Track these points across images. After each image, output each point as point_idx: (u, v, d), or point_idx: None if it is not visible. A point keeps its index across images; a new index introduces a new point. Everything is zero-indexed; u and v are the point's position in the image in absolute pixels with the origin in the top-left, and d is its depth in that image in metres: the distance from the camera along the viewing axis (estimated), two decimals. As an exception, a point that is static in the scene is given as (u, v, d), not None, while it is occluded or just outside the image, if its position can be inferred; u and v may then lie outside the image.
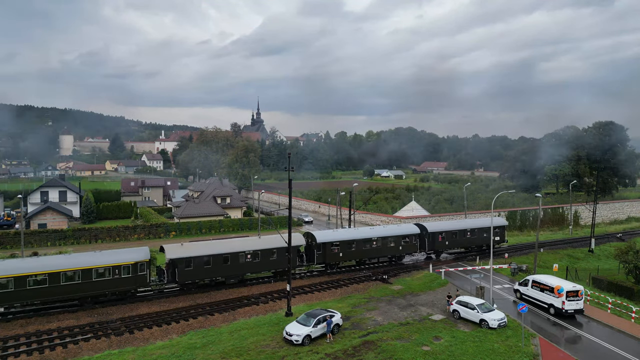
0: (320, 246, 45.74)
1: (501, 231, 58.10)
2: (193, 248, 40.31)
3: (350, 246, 47.18)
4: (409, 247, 51.17)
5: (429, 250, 52.83)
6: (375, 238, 48.82)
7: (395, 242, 49.97)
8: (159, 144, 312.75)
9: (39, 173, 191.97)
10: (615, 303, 39.81)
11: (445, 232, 53.40)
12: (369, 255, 49.08)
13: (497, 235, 57.19)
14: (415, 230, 51.85)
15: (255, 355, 27.86)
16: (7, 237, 61.63)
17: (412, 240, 51.37)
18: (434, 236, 52.64)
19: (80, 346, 28.96)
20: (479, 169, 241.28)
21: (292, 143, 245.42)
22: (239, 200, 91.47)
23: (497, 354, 28.61)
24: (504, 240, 59.63)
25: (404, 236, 50.85)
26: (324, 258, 46.12)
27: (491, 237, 40.88)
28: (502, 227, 58.41)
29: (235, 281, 41.87)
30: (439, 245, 53.27)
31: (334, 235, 47.53)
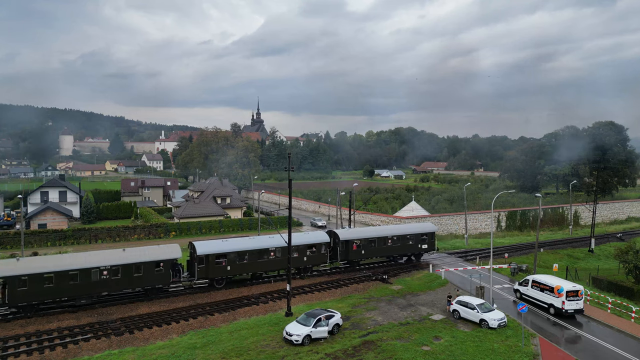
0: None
1: (430, 238, 52.53)
2: (30, 264, 34.58)
3: (242, 257, 41.33)
4: (316, 258, 45.58)
5: (341, 260, 47.84)
6: (274, 248, 42.88)
7: (299, 252, 44.15)
8: (159, 144, 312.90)
9: (39, 173, 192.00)
10: (615, 303, 39.82)
11: (361, 240, 48.26)
12: (266, 269, 43.22)
13: (425, 243, 52.12)
14: (324, 239, 46.49)
15: (255, 355, 27.86)
16: (7, 237, 61.63)
17: (321, 249, 45.79)
18: (347, 245, 47.40)
19: (80, 346, 28.96)
20: (479, 169, 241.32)
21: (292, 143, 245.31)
22: (239, 200, 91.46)
23: (497, 354, 28.61)
24: (434, 249, 53.82)
25: (310, 245, 45.33)
26: None
27: (419, 244, 39.88)
28: (431, 234, 52.70)
29: (88, 302, 36.07)
30: (354, 255, 47.93)
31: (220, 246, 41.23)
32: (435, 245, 53.94)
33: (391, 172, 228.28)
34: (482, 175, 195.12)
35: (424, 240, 52.10)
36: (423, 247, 52.02)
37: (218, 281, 41.08)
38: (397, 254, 51.51)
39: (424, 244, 52.13)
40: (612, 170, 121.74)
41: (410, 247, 51.38)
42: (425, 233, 52.25)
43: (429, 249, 52.76)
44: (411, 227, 53.89)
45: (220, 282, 41.25)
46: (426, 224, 56.49)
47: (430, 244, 52.65)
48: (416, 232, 51.88)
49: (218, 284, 41.09)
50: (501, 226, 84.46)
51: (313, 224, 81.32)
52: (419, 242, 51.80)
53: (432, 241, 52.87)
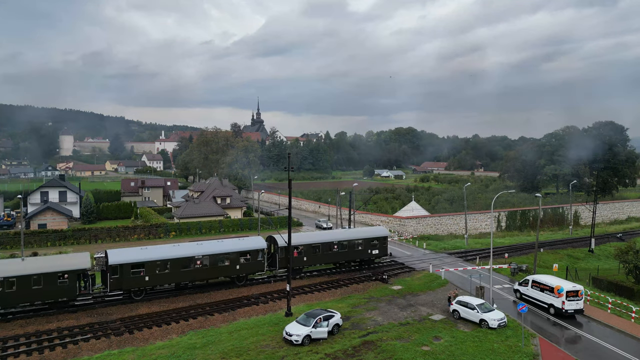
0: None
1: (381, 243, 49.94)
2: None
3: (163, 267, 38.38)
4: (251, 266, 42.63)
5: (281, 268, 44.68)
6: (200, 257, 40.14)
7: (231, 260, 41.23)
8: (159, 144, 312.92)
9: (39, 173, 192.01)
10: (615, 303, 39.81)
11: (303, 246, 45.22)
12: (191, 279, 40.20)
13: (376, 248, 49.51)
14: (260, 245, 43.46)
15: (255, 355, 27.85)
16: (7, 238, 61.59)
17: (257, 256, 42.90)
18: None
19: (79, 346, 28.94)
20: (479, 169, 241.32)
21: (292, 143, 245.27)
22: (239, 200, 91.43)
23: (497, 354, 28.60)
24: (386, 254, 51.05)
25: (244, 252, 42.37)
26: None
27: (369, 250, 39.29)
28: (382, 239, 50.07)
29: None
30: (296, 262, 44.93)
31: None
32: (387, 251, 51.07)
33: (391, 172, 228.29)
34: (482, 175, 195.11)
35: (375, 246, 49.35)
36: (374, 252, 49.34)
37: (135, 293, 37.81)
38: (344, 260, 48.33)
39: (375, 250, 49.35)
40: (612, 170, 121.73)
41: (360, 253, 48.62)
42: (376, 238, 49.64)
43: (381, 254, 50.11)
44: (360, 231, 51.35)
45: (139, 294, 37.99)
46: (378, 228, 53.47)
47: (381, 249, 49.99)
48: (366, 236, 49.24)
49: (136, 295, 37.86)
50: (501, 226, 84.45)
51: (318, 226, 78.56)
52: (369, 247, 49.03)
53: (384, 246, 50.23)
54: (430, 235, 74.50)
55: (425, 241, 66.82)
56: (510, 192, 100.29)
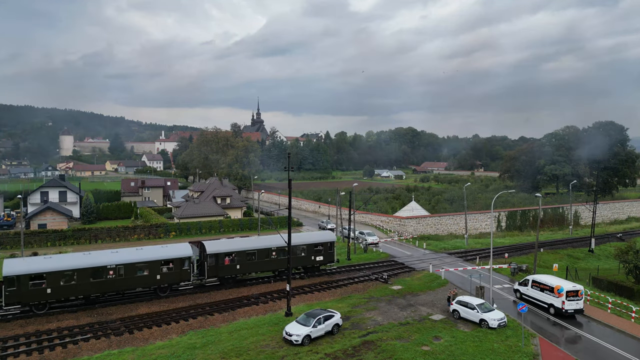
0: None
1: (327, 249, 46.88)
2: None
3: (69, 278, 35.18)
4: (174, 276, 39.05)
5: (210, 277, 41.13)
6: (113, 266, 36.64)
7: (150, 269, 37.99)
8: (159, 144, 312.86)
9: (39, 173, 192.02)
10: (615, 303, 39.81)
11: (235, 253, 42.01)
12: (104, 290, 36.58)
13: (321, 254, 46.47)
14: (184, 252, 39.82)
15: (255, 355, 27.85)
16: (7, 238, 61.58)
17: (182, 265, 39.36)
18: (217, 258, 41.06)
19: (79, 346, 28.94)
20: (479, 169, 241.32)
21: (292, 143, 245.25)
22: (239, 200, 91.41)
23: (497, 354, 28.59)
24: (333, 260, 47.75)
25: (166, 261, 38.85)
26: None
27: (313, 256, 38.47)
28: (328, 244, 46.96)
29: None
30: (227, 271, 41.67)
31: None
32: (334, 257, 47.80)
33: (391, 172, 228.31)
34: (482, 175, 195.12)
35: (320, 252, 46.41)
36: (318, 259, 46.35)
37: (37, 306, 34.60)
38: (284, 268, 44.42)
39: (319, 256, 46.40)
40: (612, 170, 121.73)
41: (302, 260, 45.57)
42: (320, 243, 46.52)
43: (326, 260, 47.02)
44: (303, 236, 48.11)
45: (40, 308, 34.80)
46: (324, 232, 50.08)
47: (327, 256, 46.92)
48: (309, 242, 46.14)
49: (37, 309, 34.63)
50: (501, 226, 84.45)
51: (321, 227, 77.31)
52: (312, 253, 45.97)
53: (330, 252, 47.14)
54: (430, 235, 74.52)
55: (425, 241, 66.82)
56: (510, 192, 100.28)
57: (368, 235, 63.70)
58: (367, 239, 62.58)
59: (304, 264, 46.00)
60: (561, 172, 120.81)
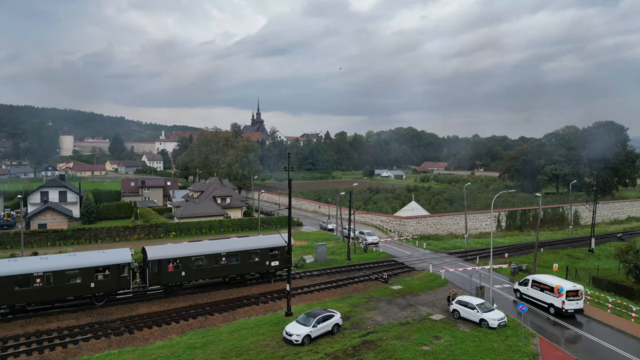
0: None
1: (283, 253, 44.19)
2: None
3: None
4: (111, 284, 36.29)
5: (152, 285, 38.45)
6: (40, 274, 33.95)
7: (83, 276, 35.21)
8: (159, 144, 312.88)
9: (39, 173, 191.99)
10: (615, 303, 39.82)
11: (180, 259, 39.32)
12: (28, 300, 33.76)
13: (276, 259, 44.02)
14: (123, 258, 37.06)
15: (255, 355, 27.85)
16: (7, 238, 61.59)
17: (120, 272, 36.57)
18: (160, 265, 38.40)
19: (79, 346, 28.94)
20: (479, 169, 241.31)
21: (292, 143, 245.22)
22: (239, 200, 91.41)
23: (497, 353, 28.60)
24: (290, 265, 43.55)
25: (102, 267, 35.99)
26: None
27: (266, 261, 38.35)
28: (284, 248, 43.95)
29: None
30: (171, 278, 38.98)
31: None
32: (291, 262, 43.04)
33: (391, 172, 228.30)
34: (482, 175, 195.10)
35: (275, 256, 44.02)
36: (272, 264, 43.96)
37: None
38: (236, 274, 42.38)
39: (274, 261, 43.99)
40: (612, 170, 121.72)
41: (255, 265, 43.11)
42: (275, 247, 44.13)
43: (281, 266, 44.52)
44: (256, 240, 45.85)
45: None
46: (278, 236, 45.74)
47: (283, 260, 44.26)
48: (262, 246, 43.70)
49: None
50: (501, 226, 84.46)
51: (323, 227, 78.25)
52: (267, 258, 43.60)
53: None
54: (430, 235, 74.53)
55: (425, 241, 66.83)
56: (510, 192, 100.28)
57: (368, 235, 63.72)
58: (367, 238, 62.59)
59: (258, 269, 43.51)
60: (561, 172, 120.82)
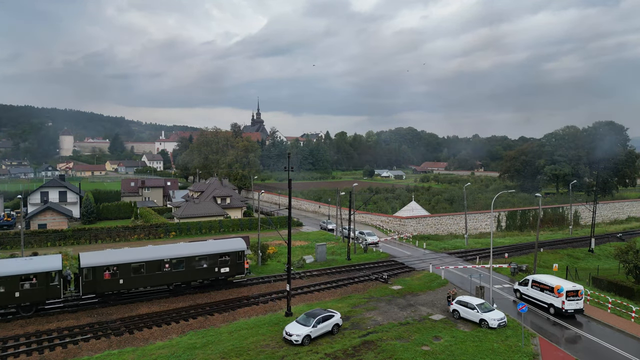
0: None
1: (236, 259, 41.82)
2: None
3: None
4: (39, 292, 33.81)
5: (85, 293, 35.77)
6: None
7: (6, 285, 32.80)
8: (159, 144, 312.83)
9: (39, 173, 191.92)
10: (615, 303, 39.81)
11: (118, 266, 36.59)
12: None
13: (227, 266, 41.41)
14: (52, 265, 34.53)
15: (255, 355, 27.86)
16: (7, 238, 61.57)
17: (50, 280, 34.08)
18: (94, 272, 35.63)
19: (79, 346, 28.94)
20: (479, 169, 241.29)
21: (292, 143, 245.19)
22: (239, 200, 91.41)
23: (497, 353, 28.60)
24: (242, 272, 42.55)
25: (26, 276, 33.50)
26: None
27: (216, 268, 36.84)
28: (236, 253, 41.93)
29: None
30: (108, 286, 36.29)
31: None
32: (244, 268, 42.68)
33: (391, 172, 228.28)
34: (482, 175, 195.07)
35: (226, 262, 41.34)
36: (222, 270, 41.20)
37: None
38: (181, 282, 39.78)
39: (225, 267, 41.27)
40: (612, 170, 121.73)
41: (204, 272, 40.48)
42: (227, 253, 41.52)
43: (233, 272, 41.89)
44: (205, 245, 42.98)
45: None
46: (233, 240, 44.26)
47: (235, 267, 41.81)
48: (210, 251, 40.99)
49: None
50: (501, 226, 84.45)
51: (323, 227, 78.77)
52: (217, 264, 40.89)
53: (239, 263, 42.09)
54: (430, 235, 74.52)
55: (425, 241, 66.83)
56: (510, 192, 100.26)
57: (368, 235, 63.73)
58: (367, 239, 62.59)
59: (207, 276, 40.79)
60: (561, 172, 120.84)
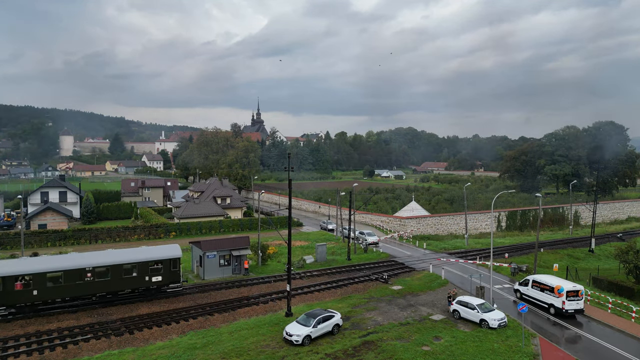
0: None
1: (168, 267, 38.72)
2: None
3: None
4: None
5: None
6: None
7: None
8: (159, 144, 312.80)
9: (39, 174, 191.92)
10: (616, 303, 39.80)
11: (32, 276, 33.74)
12: None
13: (159, 274, 38.30)
14: None
15: (255, 355, 27.85)
16: (7, 238, 61.58)
17: None
18: (4, 283, 32.86)
19: (80, 346, 28.94)
20: (479, 169, 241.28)
21: (293, 143, 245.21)
22: (239, 200, 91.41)
23: (497, 354, 28.59)
24: (177, 281, 39.47)
25: None
26: None
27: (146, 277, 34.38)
28: (170, 261, 38.85)
29: None
30: (20, 297, 33.48)
31: None
32: (179, 276, 39.59)
33: (391, 172, 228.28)
34: (482, 175, 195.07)
35: (158, 271, 38.26)
36: (155, 279, 38.15)
37: None
38: (105, 292, 36.65)
39: (156, 276, 38.20)
40: (612, 170, 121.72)
41: (130, 281, 37.39)
42: (159, 260, 38.49)
43: (167, 281, 38.90)
44: (133, 252, 39.56)
45: None
46: (167, 247, 41.35)
47: (168, 275, 38.76)
48: (140, 259, 37.89)
49: None
50: (501, 226, 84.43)
51: (323, 228, 78.98)
52: (146, 273, 37.86)
53: (173, 271, 38.96)
54: (431, 235, 74.51)
55: (426, 241, 66.83)
56: (510, 192, 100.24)
57: (368, 235, 63.73)
58: (367, 239, 62.59)
59: (136, 286, 37.74)
60: (561, 172, 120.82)
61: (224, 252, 46.19)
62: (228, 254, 46.44)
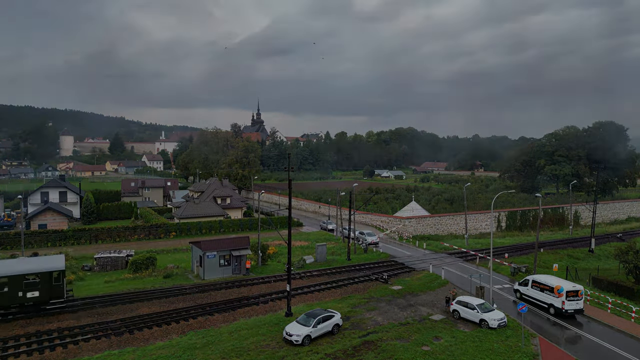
0: None
1: (49, 281, 33.93)
2: None
3: None
4: None
5: None
6: None
7: None
8: (159, 144, 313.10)
9: (39, 174, 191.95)
10: (615, 303, 39.82)
11: None
12: None
13: (36, 289, 33.44)
14: None
15: (255, 355, 27.87)
16: (7, 238, 61.59)
17: None
18: None
19: (80, 346, 28.96)
20: (479, 169, 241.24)
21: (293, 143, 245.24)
22: (239, 200, 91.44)
23: (497, 354, 28.62)
24: (61, 296, 34.56)
25: None
26: None
27: (20, 292, 30.38)
28: (51, 275, 34.07)
29: None
30: None
31: None
32: (63, 292, 34.66)
33: (391, 172, 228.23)
34: (482, 175, 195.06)
35: (33, 285, 33.38)
36: (30, 295, 33.30)
37: None
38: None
39: (34, 291, 33.37)
40: (612, 170, 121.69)
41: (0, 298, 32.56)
42: (36, 273, 33.67)
43: (46, 297, 33.89)
44: (4, 264, 35.46)
45: None
46: (47, 258, 37.20)
47: (48, 291, 33.87)
48: (12, 272, 33.22)
49: None
50: (501, 226, 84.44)
51: (323, 228, 79.20)
52: (19, 288, 33.04)
53: (55, 285, 34.13)
54: (431, 235, 74.53)
55: (425, 241, 66.83)
56: (510, 192, 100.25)
57: (368, 236, 63.76)
58: (367, 239, 62.62)
59: (5, 303, 32.80)
60: (561, 172, 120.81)
61: (224, 252, 46.31)
62: (228, 254, 46.53)
